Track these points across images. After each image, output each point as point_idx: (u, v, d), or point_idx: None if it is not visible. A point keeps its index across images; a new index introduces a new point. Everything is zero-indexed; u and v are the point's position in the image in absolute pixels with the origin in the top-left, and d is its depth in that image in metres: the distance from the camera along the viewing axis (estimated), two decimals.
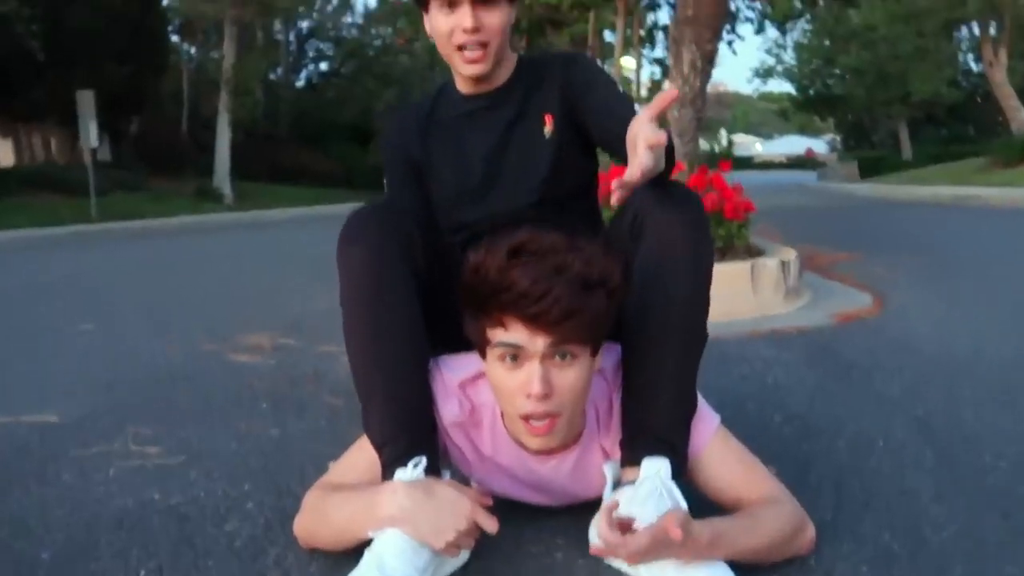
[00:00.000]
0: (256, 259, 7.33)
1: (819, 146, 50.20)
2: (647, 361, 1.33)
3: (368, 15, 30.41)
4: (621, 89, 1.61)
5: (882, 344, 2.88)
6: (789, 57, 32.91)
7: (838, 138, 43.36)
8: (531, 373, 1.18)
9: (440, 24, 1.46)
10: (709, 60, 4.46)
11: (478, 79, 1.52)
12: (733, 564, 1.20)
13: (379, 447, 1.33)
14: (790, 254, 3.98)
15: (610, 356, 1.37)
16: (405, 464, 1.29)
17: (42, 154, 20.66)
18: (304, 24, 29.73)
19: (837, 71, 31.10)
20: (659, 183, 1.36)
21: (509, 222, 1.30)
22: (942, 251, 5.92)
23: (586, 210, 1.63)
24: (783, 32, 24.21)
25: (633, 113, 1.46)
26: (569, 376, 1.20)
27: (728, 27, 15.02)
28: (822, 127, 49.24)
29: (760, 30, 14.73)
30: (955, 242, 6.64)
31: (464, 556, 1.29)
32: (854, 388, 2.33)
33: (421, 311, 1.37)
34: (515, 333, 1.17)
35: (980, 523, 1.43)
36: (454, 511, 1.21)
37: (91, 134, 14.47)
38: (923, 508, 1.50)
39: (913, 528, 1.42)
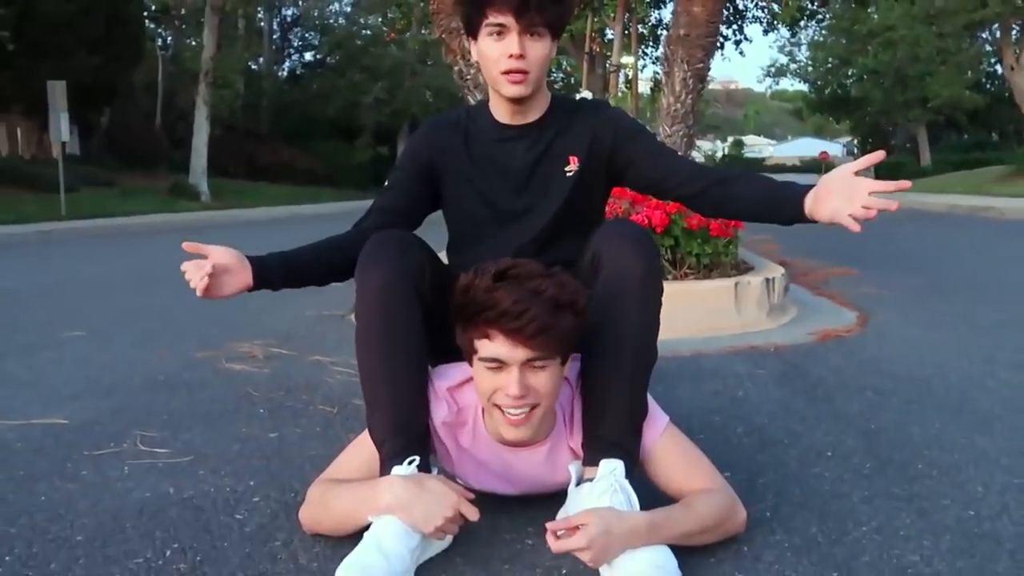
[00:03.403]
0: None
1: (835, 149, 50.80)
2: (604, 377, 1.67)
3: (356, 3, 30.84)
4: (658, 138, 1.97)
5: (852, 364, 3.22)
6: (803, 55, 33.46)
7: (855, 141, 43.90)
8: (510, 378, 1.51)
9: (488, 50, 1.77)
10: (700, 78, 4.81)
11: (516, 103, 1.83)
12: (675, 547, 1.54)
13: (379, 445, 1.66)
14: (776, 271, 4.32)
15: (575, 367, 1.71)
16: (401, 461, 1.62)
17: (6, 146, 20.94)
18: (288, 12, 30.15)
19: (853, 71, 31.63)
20: (616, 222, 1.73)
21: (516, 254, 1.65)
22: (938, 270, 6.28)
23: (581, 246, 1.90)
24: (793, 33, 24.82)
25: (677, 159, 1.86)
26: (542, 378, 1.54)
27: (736, 27, 15.44)
28: (838, 129, 49.78)
29: (768, 31, 15.15)
30: (953, 260, 7.00)
31: (448, 540, 1.62)
32: (815, 404, 2.67)
33: (423, 331, 1.70)
34: (498, 345, 1.50)
35: (898, 520, 1.77)
36: (442, 501, 1.54)
37: (62, 127, 14.76)
38: (852, 507, 1.84)
39: (839, 523, 1.76)
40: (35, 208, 14.69)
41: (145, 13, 22.82)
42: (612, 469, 1.62)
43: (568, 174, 1.86)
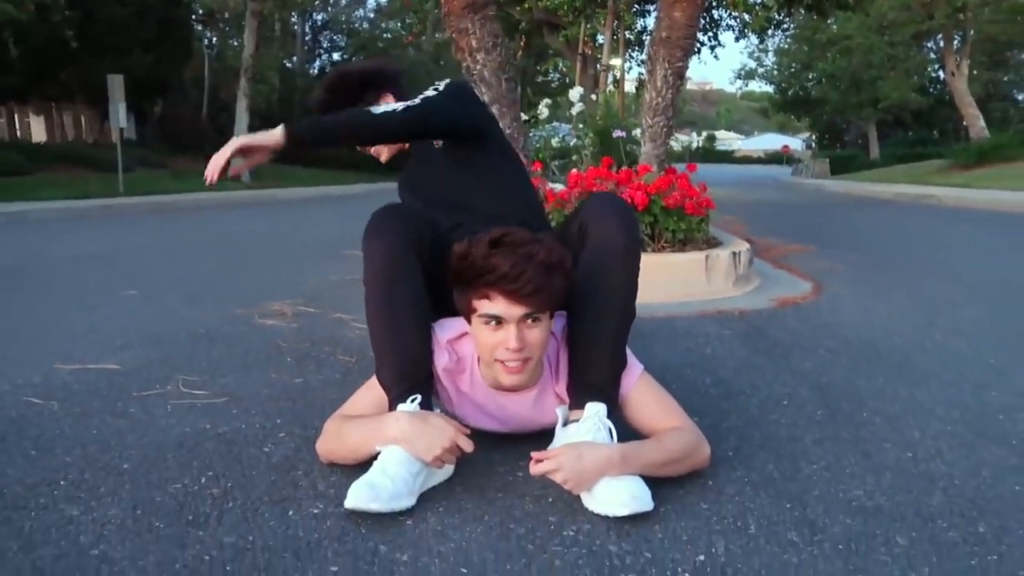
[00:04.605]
0: (273, 236, 7.60)
1: (795, 144, 50.37)
2: (589, 332, 1.64)
3: (378, 9, 30.48)
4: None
5: (808, 326, 3.19)
6: (770, 60, 33.13)
7: (813, 136, 43.59)
8: (509, 333, 1.50)
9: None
10: (679, 76, 4.74)
11: None
12: (648, 480, 1.52)
13: (387, 388, 1.64)
14: (742, 246, 4.28)
15: (559, 321, 1.68)
16: (406, 400, 1.60)
17: (72, 132, 20.79)
18: (319, 16, 29.78)
19: (813, 75, 31.32)
20: (603, 196, 1.69)
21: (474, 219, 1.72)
22: (886, 248, 6.23)
23: (531, 209, 1.97)
24: (761, 40, 24.55)
25: None
26: (536, 333, 1.53)
27: (711, 34, 15.22)
28: (799, 126, 49.43)
29: (740, 38, 14.94)
30: (899, 242, 6.95)
31: (449, 470, 1.60)
32: (774, 361, 2.64)
33: (424, 290, 1.67)
34: (497, 305, 1.49)
35: (845, 460, 1.75)
36: (441, 434, 1.52)
37: (120, 116, 14.60)
38: (804, 448, 1.82)
39: (792, 462, 1.74)
40: (97, 186, 14.61)
41: (193, 16, 22.52)
42: (596, 411, 1.60)
43: (436, 146, 1.95)
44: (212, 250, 6.22)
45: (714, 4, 13.13)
